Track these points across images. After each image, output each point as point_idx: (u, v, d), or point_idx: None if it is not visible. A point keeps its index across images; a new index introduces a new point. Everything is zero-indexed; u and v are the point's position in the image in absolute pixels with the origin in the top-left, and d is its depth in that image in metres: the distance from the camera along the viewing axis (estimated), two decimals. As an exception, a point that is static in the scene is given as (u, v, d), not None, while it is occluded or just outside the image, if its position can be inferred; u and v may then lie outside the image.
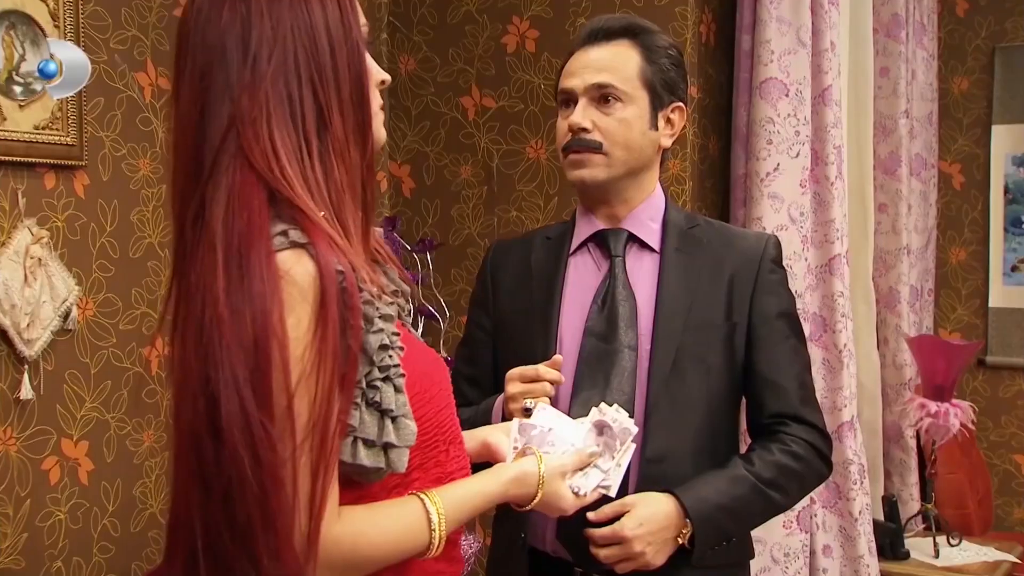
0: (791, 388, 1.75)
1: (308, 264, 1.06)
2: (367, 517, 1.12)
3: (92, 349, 2.38)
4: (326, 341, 1.04)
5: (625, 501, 1.60)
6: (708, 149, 3.00)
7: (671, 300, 1.72)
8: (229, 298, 1.03)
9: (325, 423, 1.04)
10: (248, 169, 1.08)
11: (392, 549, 1.14)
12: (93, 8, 2.35)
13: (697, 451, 1.71)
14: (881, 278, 3.42)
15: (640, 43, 1.74)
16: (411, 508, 1.16)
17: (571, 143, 1.72)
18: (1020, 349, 3.87)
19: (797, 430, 1.74)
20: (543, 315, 1.76)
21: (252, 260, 1.04)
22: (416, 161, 3.25)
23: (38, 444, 2.27)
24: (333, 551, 1.08)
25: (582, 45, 1.76)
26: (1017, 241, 3.88)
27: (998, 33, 3.89)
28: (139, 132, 2.48)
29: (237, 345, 1.02)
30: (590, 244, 1.80)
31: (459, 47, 3.16)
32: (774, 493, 1.71)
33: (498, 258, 1.89)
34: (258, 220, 1.06)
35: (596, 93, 1.71)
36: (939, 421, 2.96)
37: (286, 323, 1.03)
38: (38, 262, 2.20)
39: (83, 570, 2.36)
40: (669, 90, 1.76)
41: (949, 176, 3.99)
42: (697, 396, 1.71)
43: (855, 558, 2.90)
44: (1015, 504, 3.87)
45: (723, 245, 1.78)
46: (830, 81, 2.86)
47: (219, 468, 1.02)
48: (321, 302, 1.05)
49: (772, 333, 1.75)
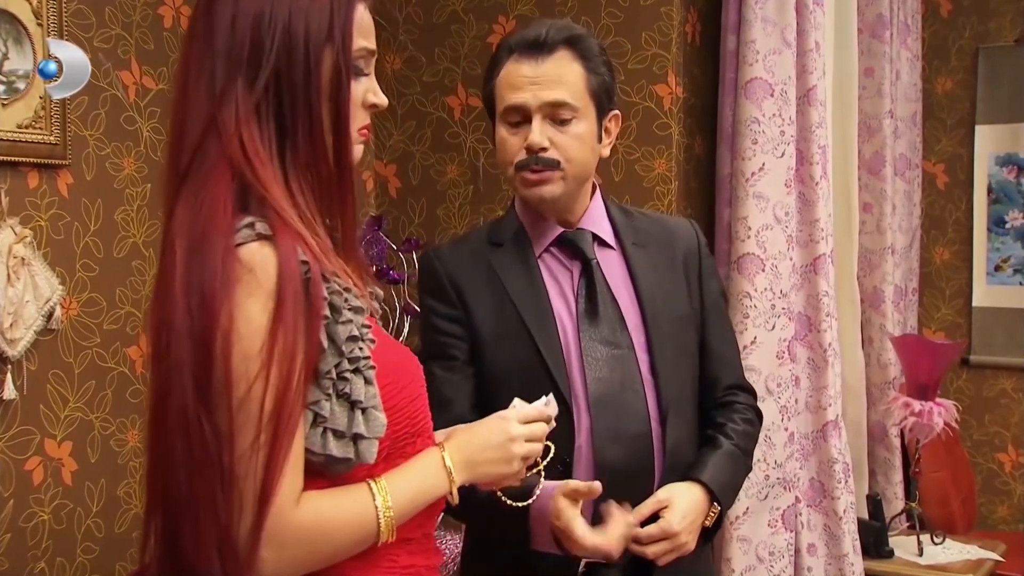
0: (736, 361, 1.93)
1: (270, 256, 1.08)
2: (324, 500, 1.12)
3: (76, 349, 2.37)
4: (286, 332, 1.06)
5: (660, 497, 1.66)
6: (693, 149, 3.00)
7: (650, 296, 1.77)
8: (184, 291, 1.06)
9: (278, 415, 1.06)
10: (223, 168, 1.10)
11: (348, 531, 1.14)
12: (76, 6, 2.34)
13: (693, 433, 1.81)
14: (866, 277, 3.44)
15: (580, 53, 1.70)
16: (359, 493, 1.16)
17: (529, 161, 1.69)
18: (1003, 348, 3.89)
19: (744, 398, 1.89)
20: (542, 326, 1.73)
21: (207, 254, 1.06)
22: (402, 160, 3.25)
23: (21, 444, 2.26)
24: (297, 535, 1.10)
25: (522, 56, 1.70)
26: (1000, 241, 3.90)
27: (982, 34, 3.91)
28: (123, 131, 2.47)
29: (187, 336, 1.05)
30: (553, 247, 1.79)
31: (445, 46, 3.16)
32: (748, 460, 1.87)
33: (449, 268, 1.79)
34: (222, 215, 1.08)
35: (551, 110, 1.68)
36: (923, 420, 2.97)
37: (235, 316, 1.05)
38: (21, 261, 2.18)
39: (67, 571, 2.35)
40: (608, 98, 1.75)
41: (933, 176, 4.00)
42: (689, 383, 1.81)
43: (840, 556, 2.91)
44: (998, 502, 3.90)
45: (665, 235, 1.85)
46: (815, 81, 2.87)
47: (161, 457, 1.09)
48: (280, 294, 1.06)
49: (718, 312, 1.89)
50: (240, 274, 1.06)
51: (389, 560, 1.21)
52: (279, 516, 1.08)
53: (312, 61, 1.14)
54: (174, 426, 1.08)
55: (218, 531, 1.07)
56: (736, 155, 2.87)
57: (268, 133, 1.13)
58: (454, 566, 2.96)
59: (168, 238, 1.11)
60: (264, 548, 1.08)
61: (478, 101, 3.12)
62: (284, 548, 1.09)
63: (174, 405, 1.07)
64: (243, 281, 1.06)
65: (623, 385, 1.70)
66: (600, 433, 1.68)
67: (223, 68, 1.13)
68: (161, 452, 1.10)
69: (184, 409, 1.06)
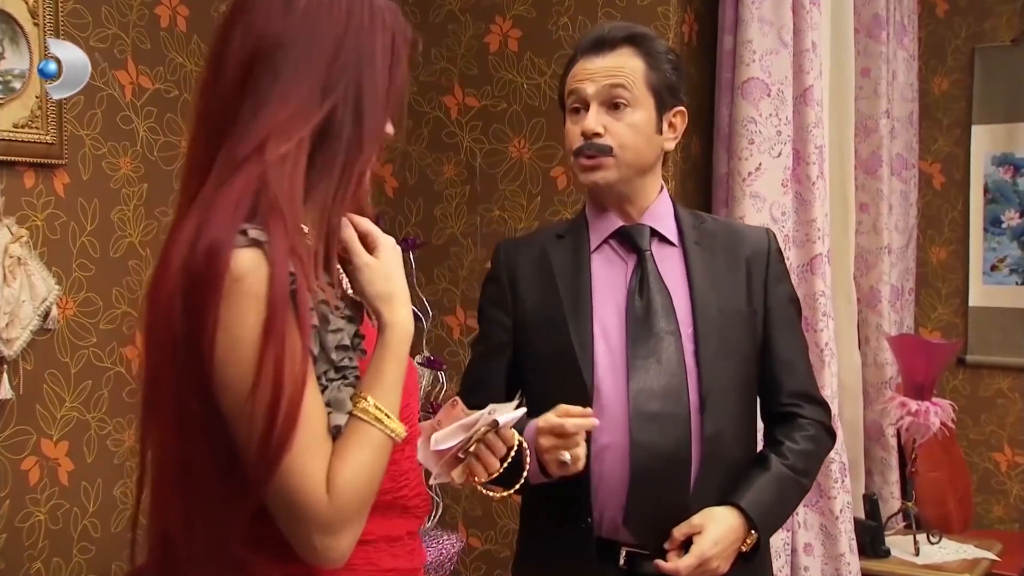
0: (803, 368, 1.89)
1: (261, 263, 1.07)
2: (339, 464, 1.12)
3: (72, 349, 2.36)
4: (280, 338, 1.06)
5: (693, 523, 1.69)
6: (690, 149, 3.00)
7: (703, 290, 1.80)
8: (179, 290, 1.06)
9: (272, 416, 1.05)
10: (253, 182, 1.10)
11: (373, 468, 1.14)
12: (73, 6, 2.34)
13: (740, 433, 1.81)
14: (862, 277, 3.44)
15: (642, 50, 1.79)
16: (353, 427, 1.15)
17: (584, 147, 1.77)
18: (1000, 348, 3.89)
19: (810, 411, 1.86)
20: (575, 309, 1.80)
21: (205, 256, 1.06)
22: (399, 160, 3.24)
23: (17, 444, 2.25)
24: (340, 511, 1.10)
25: (585, 54, 1.80)
26: (997, 240, 3.90)
27: (978, 34, 3.92)
28: (119, 131, 2.46)
29: (180, 337, 1.07)
30: (611, 241, 1.84)
31: (442, 46, 3.16)
32: (806, 480, 1.85)
33: (511, 257, 1.90)
34: (229, 220, 1.08)
35: (607, 99, 1.76)
36: (919, 420, 2.97)
37: (224, 321, 1.05)
38: (17, 261, 2.18)
39: (63, 571, 2.35)
40: (672, 94, 1.82)
41: (929, 176, 4.01)
42: (736, 380, 1.81)
43: (836, 556, 2.91)
44: (994, 502, 3.90)
45: (732, 238, 1.88)
46: (811, 81, 2.87)
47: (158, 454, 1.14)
48: (273, 301, 1.06)
49: (786, 318, 1.87)
50: (227, 280, 1.06)
51: (369, 564, 1.22)
52: (321, 506, 1.08)
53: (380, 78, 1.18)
54: (169, 426, 1.09)
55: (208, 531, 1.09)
56: (733, 155, 2.87)
57: (309, 140, 1.14)
58: (451, 565, 2.96)
59: (180, 231, 1.10)
60: (328, 538, 1.09)
61: (475, 101, 3.12)
62: (343, 528, 1.10)
63: (168, 406, 1.09)
64: (229, 288, 1.06)
65: (664, 369, 1.74)
66: (637, 415, 1.71)
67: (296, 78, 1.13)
68: (151, 451, 1.12)
69: (180, 409, 1.08)
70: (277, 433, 1.05)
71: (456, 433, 1.37)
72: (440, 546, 2.92)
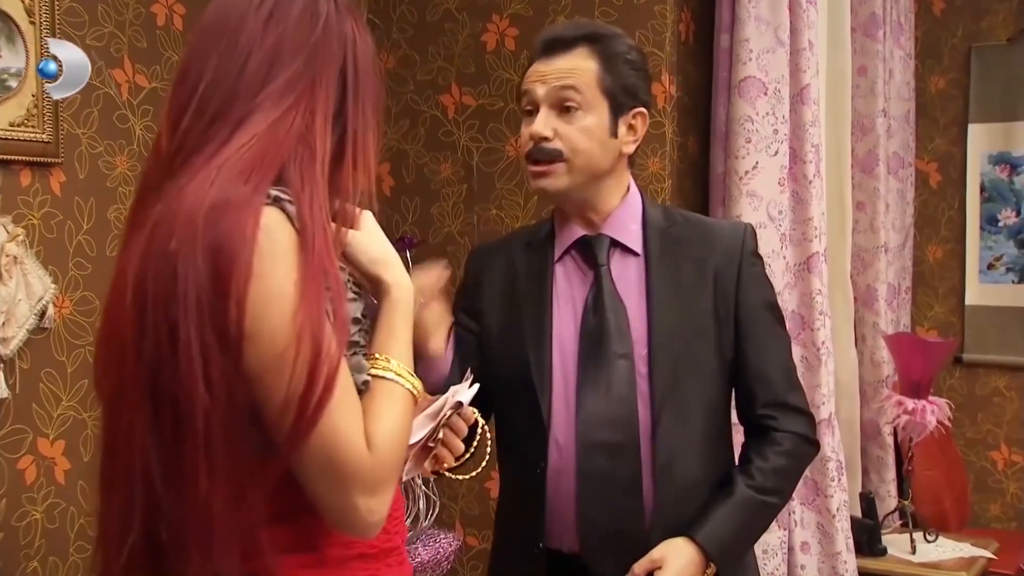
0: (778, 378, 1.80)
1: (287, 224, 1.08)
2: (375, 423, 1.12)
3: (69, 348, 2.36)
4: (316, 297, 1.06)
5: (654, 557, 1.65)
6: (687, 148, 3.00)
7: (661, 306, 1.73)
8: (208, 251, 1.05)
9: (314, 376, 1.05)
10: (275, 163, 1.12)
11: (404, 424, 1.16)
12: (69, 4, 2.34)
13: (701, 453, 1.75)
14: (859, 276, 3.44)
15: (598, 50, 1.71)
16: (380, 386, 1.16)
17: (532, 152, 1.71)
18: (996, 347, 3.90)
19: (786, 423, 1.79)
20: (535, 325, 1.76)
21: (239, 220, 1.05)
22: (396, 159, 3.24)
23: (14, 443, 2.25)
24: (383, 468, 1.10)
25: (540, 55, 1.74)
26: (993, 239, 3.91)
27: (974, 32, 3.92)
28: (116, 129, 2.46)
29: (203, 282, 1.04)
30: (573, 251, 1.79)
31: (439, 45, 3.15)
32: (776, 500, 1.79)
33: (481, 262, 1.87)
34: (245, 180, 1.08)
35: (557, 101, 1.70)
36: (916, 418, 2.98)
37: (255, 270, 1.05)
38: (14, 260, 2.18)
39: (60, 570, 2.35)
40: (630, 96, 1.74)
41: (926, 175, 4.01)
42: (697, 401, 1.74)
43: (833, 554, 2.91)
44: (991, 500, 3.90)
45: (703, 242, 1.79)
46: (808, 80, 2.87)
47: None
48: (304, 258, 1.07)
49: (759, 325, 1.79)
50: (262, 235, 1.06)
51: None
52: (367, 464, 1.09)
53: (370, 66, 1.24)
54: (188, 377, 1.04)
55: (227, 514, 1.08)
56: (730, 154, 2.87)
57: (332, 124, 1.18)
58: (448, 564, 2.96)
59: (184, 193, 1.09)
60: (372, 498, 1.09)
61: (472, 100, 3.12)
62: (385, 487, 1.11)
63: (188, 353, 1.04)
64: (265, 242, 1.06)
65: (613, 396, 1.70)
66: (584, 442, 1.69)
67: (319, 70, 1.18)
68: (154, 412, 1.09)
69: (205, 357, 1.04)
70: (318, 390, 1.05)
71: (424, 423, 1.36)
72: (437, 545, 2.92)
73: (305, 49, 1.17)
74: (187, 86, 1.16)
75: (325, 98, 1.17)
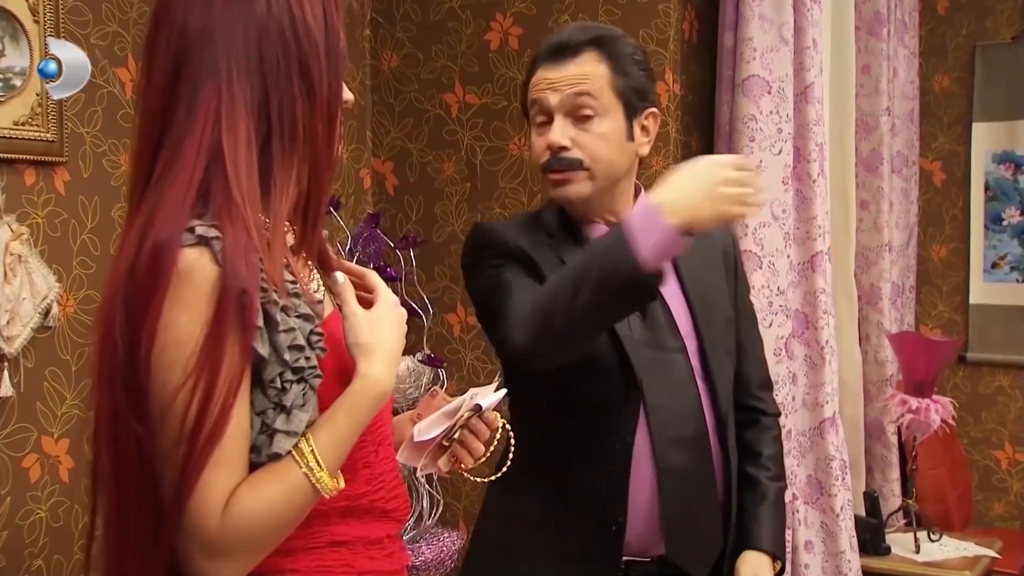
0: (762, 357, 1.95)
1: (208, 262, 1.04)
2: (248, 492, 1.07)
3: (73, 346, 2.36)
4: (220, 340, 1.03)
5: None
6: (691, 146, 3.00)
7: (699, 297, 1.75)
8: (122, 292, 1.05)
9: (200, 427, 1.02)
10: (201, 159, 1.07)
11: (282, 509, 1.09)
12: (73, 3, 2.34)
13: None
14: (863, 275, 3.44)
15: (607, 53, 1.68)
16: (281, 467, 1.10)
17: (551, 162, 1.68)
18: (1000, 346, 3.89)
19: (769, 404, 1.92)
20: None
21: (148, 256, 1.04)
22: (399, 158, 3.24)
23: (18, 442, 2.25)
24: (228, 537, 1.06)
25: (546, 62, 1.70)
26: (997, 238, 3.90)
27: (979, 31, 3.92)
28: (120, 128, 2.46)
29: (120, 340, 1.04)
30: None
31: (442, 44, 3.15)
32: (785, 482, 1.93)
33: (514, 235, 1.74)
34: (176, 215, 1.05)
35: (573, 109, 1.67)
36: (920, 417, 2.97)
37: (163, 322, 1.03)
38: (18, 259, 2.18)
39: (64, 568, 2.35)
40: (641, 97, 1.71)
41: (930, 173, 4.01)
42: (727, 386, 1.80)
43: (836, 553, 2.91)
44: (995, 500, 3.90)
45: (703, 234, 1.76)
46: (812, 78, 2.87)
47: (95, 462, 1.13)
48: (219, 301, 1.03)
49: (749, 313, 1.92)
50: (173, 280, 1.03)
51: (345, 566, 1.19)
52: (210, 526, 1.05)
53: (317, 47, 1.13)
54: (102, 430, 1.08)
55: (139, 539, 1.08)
56: (733, 152, 2.86)
57: (255, 126, 1.10)
58: (451, 563, 2.96)
59: (127, 237, 1.09)
60: (209, 561, 1.06)
61: (475, 98, 3.12)
62: (226, 557, 1.06)
63: (104, 408, 1.07)
64: (174, 287, 1.03)
65: (676, 389, 1.69)
66: (660, 438, 1.66)
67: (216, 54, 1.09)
68: (95, 457, 1.11)
69: (114, 413, 1.06)
70: (201, 441, 1.02)
71: (439, 421, 1.34)
72: (440, 543, 2.92)
73: (201, 41, 1.09)
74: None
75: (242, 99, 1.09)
